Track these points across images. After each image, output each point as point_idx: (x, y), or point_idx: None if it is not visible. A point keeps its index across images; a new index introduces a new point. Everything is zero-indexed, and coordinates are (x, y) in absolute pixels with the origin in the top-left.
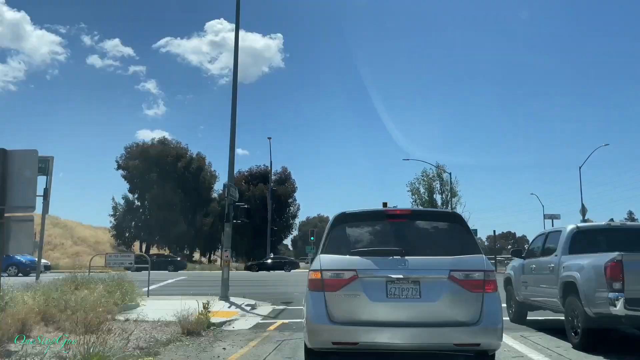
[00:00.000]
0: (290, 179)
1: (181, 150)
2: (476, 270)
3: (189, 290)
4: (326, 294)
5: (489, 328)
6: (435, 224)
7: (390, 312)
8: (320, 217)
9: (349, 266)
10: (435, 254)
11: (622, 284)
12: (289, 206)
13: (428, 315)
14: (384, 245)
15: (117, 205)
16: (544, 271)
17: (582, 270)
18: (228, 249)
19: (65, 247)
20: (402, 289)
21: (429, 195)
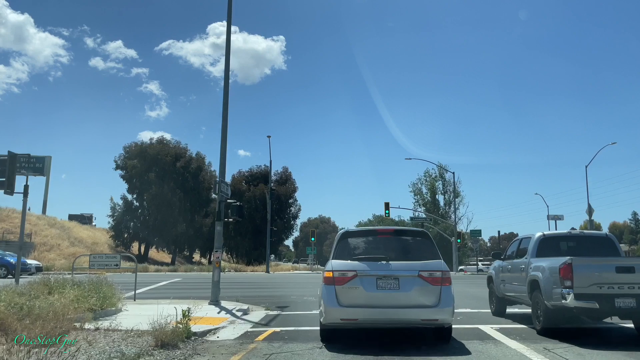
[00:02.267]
0: (290, 179)
1: (180, 149)
2: (436, 271)
3: (181, 294)
4: (336, 287)
5: (444, 309)
6: (410, 238)
7: (379, 298)
8: (321, 218)
9: (351, 268)
10: (409, 260)
11: (572, 282)
12: (289, 206)
13: (404, 300)
14: (374, 254)
15: (115, 206)
16: (517, 271)
17: (543, 271)
18: (219, 249)
19: (62, 248)
20: (387, 283)
21: (431, 196)
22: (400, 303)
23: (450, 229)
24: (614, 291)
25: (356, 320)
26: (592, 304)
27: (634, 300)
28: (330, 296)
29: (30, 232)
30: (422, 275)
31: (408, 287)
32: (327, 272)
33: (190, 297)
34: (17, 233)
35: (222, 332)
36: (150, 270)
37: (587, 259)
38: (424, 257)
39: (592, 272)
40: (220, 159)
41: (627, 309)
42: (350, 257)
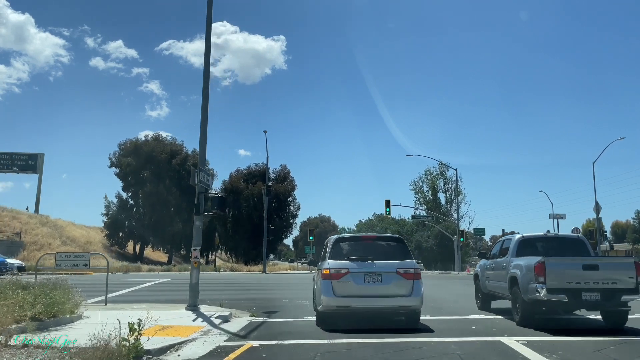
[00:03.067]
0: (289, 177)
1: (176, 147)
2: (409, 268)
3: (163, 296)
4: (332, 281)
5: (416, 297)
6: (389, 243)
7: (366, 290)
8: (321, 217)
9: (344, 266)
10: (388, 260)
11: (545, 278)
12: (288, 205)
13: (385, 291)
14: (362, 255)
15: (109, 204)
16: (500, 269)
17: (521, 269)
18: (198, 247)
19: (53, 248)
20: (372, 278)
21: (432, 194)
22: (383, 293)
23: (452, 228)
24: (581, 286)
25: (348, 307)
26: (562, 297)
27: (599, 294)
28: (327, 289)
29: (21, 230)
30: (399, 271)
31: (388, 281)
32: (325, 270)
33: (173, 300)
34: (6, 232)
35: (187, 347)
36: (143, 270)
37: (558, 258)
38: (400, 258)
39: (562, 269)
40: (200, 143)
41: (592, 302)
42: (342, 257)
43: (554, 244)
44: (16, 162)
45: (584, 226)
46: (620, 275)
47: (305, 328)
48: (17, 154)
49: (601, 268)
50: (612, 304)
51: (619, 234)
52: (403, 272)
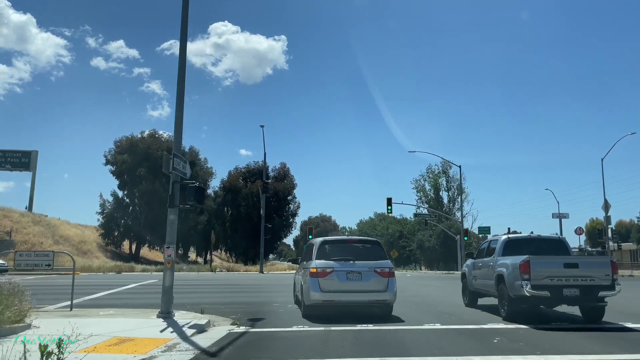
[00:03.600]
0: (289, 175)
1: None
2: (385, 267)
3: (141, 300)
4: (319, 279)
5: (390, 292)
6: (367, 245)
7: (348, 286)
8: (322, 216)
9: (329, 266)
10: (367, 260)
11: (529, 275)
12: (288, 204)
13: (364, 288)
14: (345, 256)
15: (105, 202)
16: (487, 268)
17: (507, 267)
18: (172, 244)
19: (44, 247)
20: (353, 276)
21: (434, 193)
22: (362, 289)
23: (455, 227)
24: (562, 283)
25: (333, 301)
26: (544, 293)
27: (578, 290)
28: (314, 285)
29: (11, 229)
30: (376, 270)
31: (367, 278)
32: (313, 269)
33: (151, 305)
34: None
35: None
36: (137, 270)
37: (542, 257)
38: (377, 258)
39: (545, 267)
40: (175, 125)
41: (572, 297)
42: (327, 258)
43: (537, 245)
44: (9, 159)
45: (587, 225)
46: (598, 273)
47: (292, 340)
48: (11, 151)
49: (580, 266)
50: (590, 299)
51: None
52: (380, 270)
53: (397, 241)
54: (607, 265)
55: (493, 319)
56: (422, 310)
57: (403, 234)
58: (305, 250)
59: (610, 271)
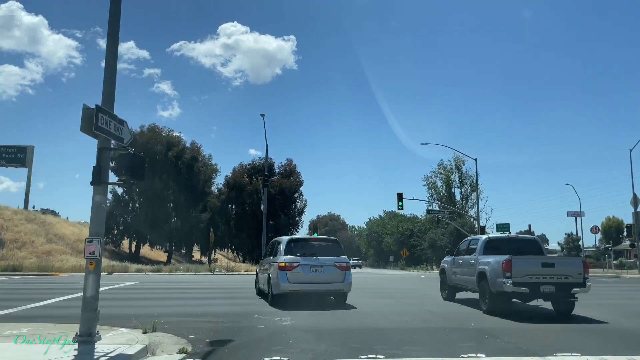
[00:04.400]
0: (295, 172)
1: (173, 138)
2: (343, 262)
3: None
4: (287, 272)
5: (346, 283)
6: (328, 243)
7: (312, 278)
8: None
9: (295, 260)
10: (328, 255)
11: (511, 273)
12: (295, 201)
13: (326, 279)
14: (309, 252)
15: None
16: (467, 265)
17: (490, 265)
18: (98, 238)
19: (36, 245)
20: (316, 269)
21: (446, 190)
22: (324, 280)
23: (468, 225)
24: (539, 280)
25: (298, 291)
26: (524, 289)
27: (554, 287)
28: (283, 277)
29: (2, 227)
30: (335, 264)
31: (328, 271)
32: (281, 263)
33: None
34: None
35: None
36: (131, 270)
37: (522, 257)
38: (336, 254)
39: (525, 266)
40: (105, 64)
41: (548, 293)
42: (294, 253)
43: (514, 244)
44: (4, 155)
45: (603, 224)
46: (572, 272)
47: None
48: (6, 146)
49: (556, 265)
50: (564, 295)
51: None
52: (338, 265)
53: (408, 240)
54: (580, 265)
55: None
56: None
57: (414, 232)
58: (269, 247)
59: (582, 270)
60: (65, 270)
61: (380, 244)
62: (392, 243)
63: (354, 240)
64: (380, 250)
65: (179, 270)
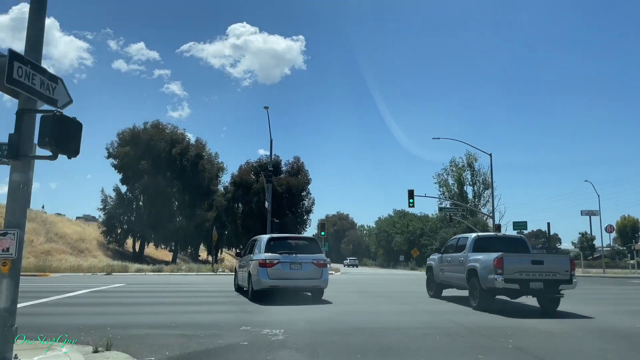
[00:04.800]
0: (303, 170)
1: (177, 135)
2: (320, 260)
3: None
4: (267, 268)
5: (323, 280)
6: (307, 241)
7: (291, 274)
8: (339, 214)
9: (276, 258)
10: (306, 253)
11: (502, 270)
12: (302, 200)
13: (304, 276)
14: (289, 250)
15: (107, 198)
16: (456, 263)
17: (481, 262)
18: (15, 230)
19: (34, 245)
20: (295, 266)
21: (458, 187)
22: (302, 277)
23: (481, 224)
24: (529, 277)
25: (278, 286)
26: (514, 285)
27: (542, 283)
28: (264, 273)
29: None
30: (313, 262)
31: (306, 268)
32: (262, 260)
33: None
34: None
35: None
36: (130, 270)
37: (513, 254)
38: (314, 252)
39: (515, 263)
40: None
41: (537, 289)
42: (274, 251)
43: (502, 242)
44: (5, 152)
45: (618, 223)
46: (559, 269)
47: None
48: (6, 143)
49: (545, 263)
50: (552, 291)
51: None
52: (316, 262)
53: (418, 239)
54: (567, 262)
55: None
56: None
57: (424, 231)
58: (249, 245)
59: (569, 267)
60: (64, 270)
61: (390, 244)
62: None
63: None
64: (390, 249)
65: (180, 271)
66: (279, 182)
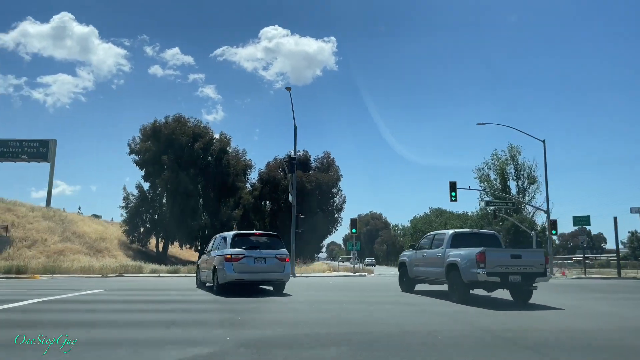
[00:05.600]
0: (333, 166)
1: (200, 129)
2: (283, 254)
3: None
4: (233, 263)
5: (286, 273)
6: (270, 237)
7: (256, 268)
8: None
9: (241, 253)
10: (270, 248)
11: (485, 264)
12: (333, 197)
13: (268, 269)
14: (253, 245)
15: (128, 196)
16: (433, 257)
17: (462, 257)
18: None
19: (48, 244)
20: (259, 261)
21: (501, 183)
22: (266, 270)
23: (527, 221)
24: (509, 270)
25: (243, 280)
26: (495, 278)
27: (520, 276)
28: (229, 267)
29: (10, 224)
30: (276, 257)
31: (270, 262)
32: (228, 255)
33: None
34: None
35: None
36: (144, 272)
37: (494, 249)
38: (277, 247)
39: (496, 257)
40: None
41: (515, 283)
42: (239, 246)
43: (477, 238)
44: (26, 149)
45: None
46: (535, 263)
47: None
48: (28, 140)
49: (523, 257)
50: (528, 284)
51: None
52: (279, 257)
53: None
54: (542, 256)
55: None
56: None
57: None
58: (214, 242)
59: (544, 262)
60: (74, 271)
61: None
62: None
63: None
64: None
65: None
66: (308, 178)
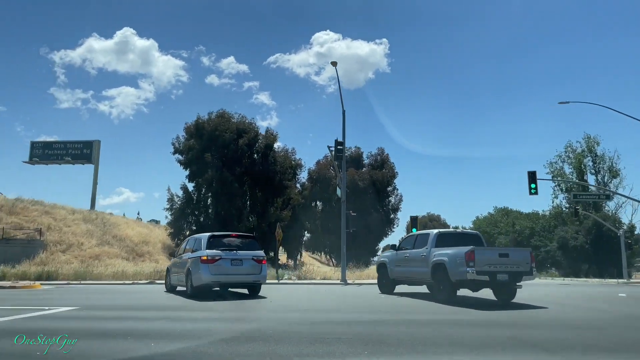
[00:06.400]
0: (388, 162)
1: (245, 125)
2: (260, 256)
3: None
4: (209, 264)
5: (263, 275)
6: (246, 239)
7: (232, 270)
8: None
9: (217, 254)
10: (247, 250)
11: (474, 262)
12: (388, 196)
13: (245, 271)
14: (230, 247)
15: (173, 197)
16: (417, 258)
17: (449, 256)
18: None
19: (84, 248)
20: (236, 262)
21: (578, 177)
22: (243, 272)
23: (611, 219)
24: (496, 269)
25: (220, 282)
26: (484, 277)
27: (507, 275)
28: (205, 269)
29: (45, 227)
30: (253, 258)
31: (246, 264)
32: (204, 256)
33: None
34: (28, 229)
35: None
36: None
37: (483, 247)
38: (254, 249)
39: (485, 256)
40: None
41: (503, 281)
42: (216, 248)
43: (460, 238)
44: (70, 151)
45: None
46: (522, 262)
47: None
48: (72, 142)
49: (510, 256)
50: (514, 282)
51: None
52: (256, 258)
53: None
54: (528, 255)
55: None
56: None
57: (535, 231)
58: (187, 243)
59: (530, 260)
60: (106, 277)
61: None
62: (506, 244)
63: None
64: None
65: None
66: (361, 176)
